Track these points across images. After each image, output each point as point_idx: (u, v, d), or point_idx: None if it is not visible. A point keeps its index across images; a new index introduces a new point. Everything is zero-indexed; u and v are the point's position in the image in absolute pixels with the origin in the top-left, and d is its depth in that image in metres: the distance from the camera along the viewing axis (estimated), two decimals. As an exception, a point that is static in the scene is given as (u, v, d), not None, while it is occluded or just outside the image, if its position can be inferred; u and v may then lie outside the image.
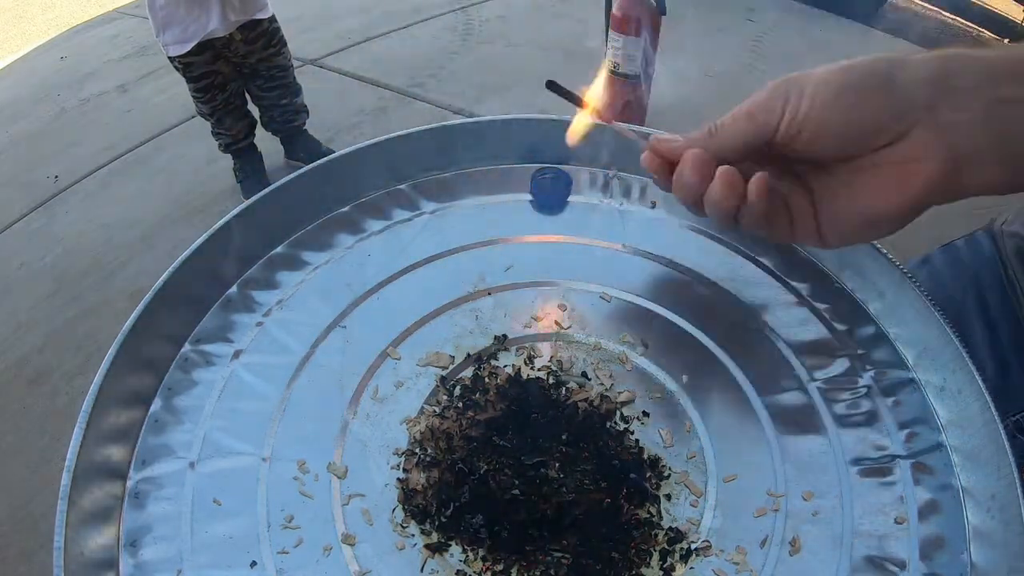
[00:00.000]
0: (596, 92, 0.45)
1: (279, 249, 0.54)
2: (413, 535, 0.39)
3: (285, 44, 1.93)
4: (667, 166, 0.40)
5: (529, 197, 0.58)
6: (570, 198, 0.58)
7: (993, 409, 0.40)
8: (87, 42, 3.31)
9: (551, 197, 0.58)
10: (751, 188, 0.37)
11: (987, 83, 0.34)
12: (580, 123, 0.46)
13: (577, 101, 0.45)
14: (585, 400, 0.45)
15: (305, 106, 2.09)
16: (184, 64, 1.76)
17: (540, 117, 0.59)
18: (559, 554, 0.38)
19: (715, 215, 0.39)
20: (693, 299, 0.51)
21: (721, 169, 0.37)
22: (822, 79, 0.37)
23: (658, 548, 0.39)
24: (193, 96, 1.89)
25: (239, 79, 1.91)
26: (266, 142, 2.13)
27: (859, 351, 0.48)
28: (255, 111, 2.04)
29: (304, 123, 2.12)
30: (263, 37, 1.83)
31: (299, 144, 2.15)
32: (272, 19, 1.85)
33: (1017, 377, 0.56)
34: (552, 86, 0.45)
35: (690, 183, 0.39)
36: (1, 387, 1.63)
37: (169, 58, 1.77)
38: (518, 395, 0.45)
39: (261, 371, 0.46)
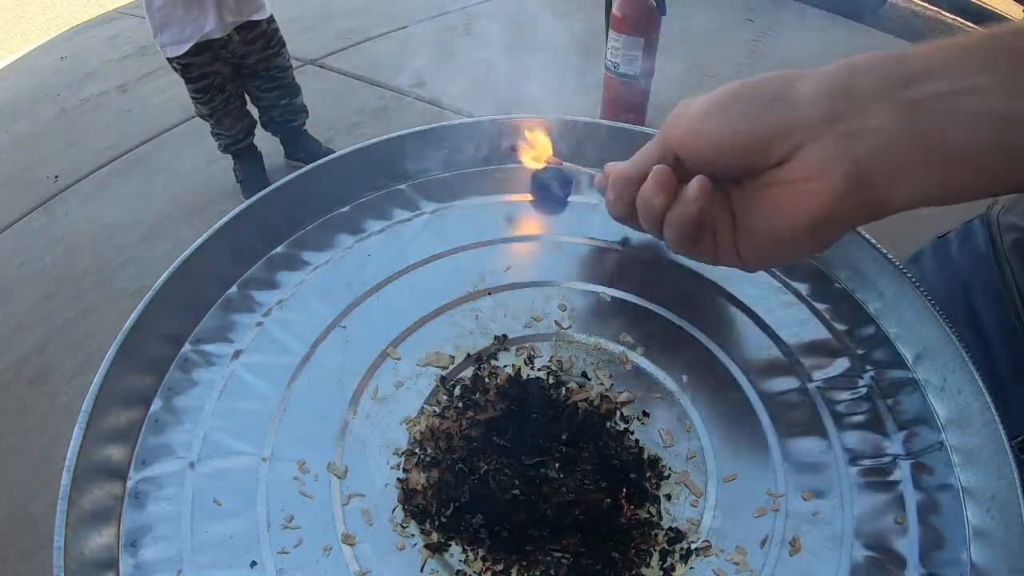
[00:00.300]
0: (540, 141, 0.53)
1: (279, 249, 0.54)
2: (413, 535, 0.39)
3: (284, 45, 1.93)
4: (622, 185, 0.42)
5: (529, 196, 0.58)
6: (570, 198, 0.58)
7: (993, 409, 0.40)
8: (87, 42, 3.31)
9: (552, 195, 0.58)
10: (690, 185, 0.36)
11: (896, 85, 0.32)
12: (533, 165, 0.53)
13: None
14: (585, 400, 0.45)
15: (304, 106, 2.10)
16: (182, 65, 1.76)
17: (540, 117, 0.59)
18: (559, 554, 0.38)
19: (645, 215, 0.39)
20: (693, 299, 0.51)
21: (655, 168, 0.37)
22: (712, 96, 0.36)
23: (658, 548, 0.39)
24: (192, 97, 1.88)
25: (238, 80, 1.92)
26: (266, 142, 2.13)
27: (859, 351, 0.48)
28: (254, 112, 2.05)
29: (304, 123, 2.13)
30: (262, 38, 1.83)
31: (299, 144, 2.15)
32: (270, 20, 1.86)
33: (1016, 400, 0.51)
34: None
35: (621, 191, 0.40)
36: (1, 387, 1.63)
37: (167, 59, 1.78)
38: (518, 395, 0.45)
39: (261, 371, 0.46)
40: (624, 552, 0.38)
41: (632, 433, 0.44)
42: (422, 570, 0.38)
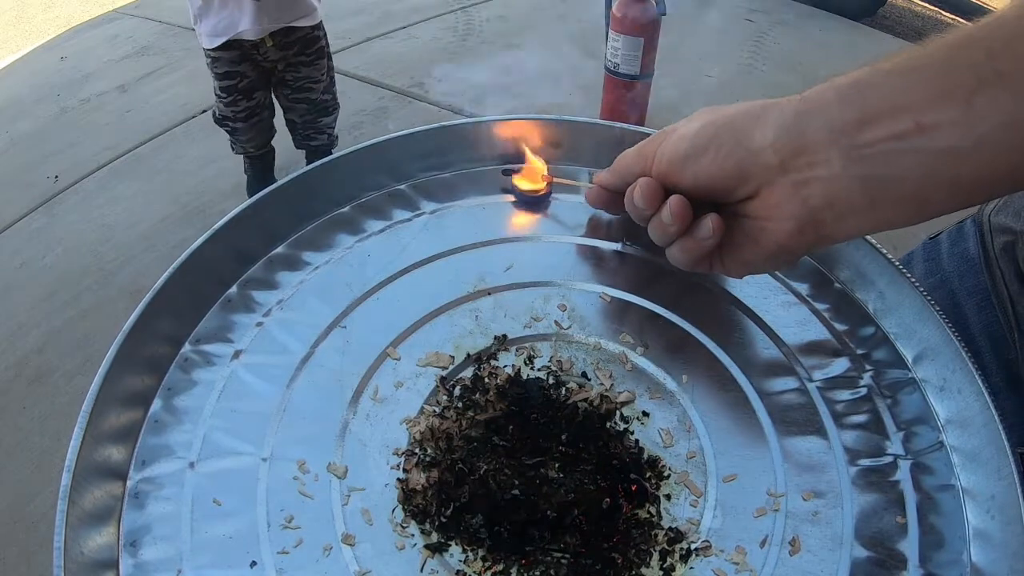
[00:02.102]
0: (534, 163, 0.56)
1: (279, 249, 0.54)
2: (413, 535, 0.39)
3: (325, 57, 1.75)
4: (606, 196, 0.48)
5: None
6: (570, 198, 0.58)
7: (993, 409, 0.40)
8: (87, 42, 3.31)
9: (532, 197, 0.58)
10: (704, 223, 0.40)
11: (845, 131, 0.33)
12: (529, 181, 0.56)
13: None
14: (585, 400, 0.45)
15: (332, 130, 1.91)
16: (212, 58, 1.66)
17: (540, 117, 0.59)
18: (559, 554, 0.38)
19: (635, 218, 0.44)
20: (693, 299, 0.51)
21: (641, 180, 0.42)
22: (682, 132, 0.40)
23: (658, 548, 0.39)
24: (216, 95, 1.74)
25: (266, 89, 1.75)
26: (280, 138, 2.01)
27: (859, 351, 0.48)
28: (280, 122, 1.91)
29: (329, 148, 1.91)
30: (298, 43, 1.67)
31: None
32: (317, 27, 1.69)
33: (1010, 406, 0.51)
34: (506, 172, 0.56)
35: (603, 198, 0.47)
36: (1, 387, 1.63)
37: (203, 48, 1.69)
38: (518, 395, 0.45)
39: (261, 371, 0.46)
40: (624, 552, 0.38)
41: (632, 433, 0.44)
42: (422, 570, 0.38)
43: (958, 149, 0.30)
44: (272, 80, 1.75)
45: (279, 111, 1.87)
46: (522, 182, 0.57)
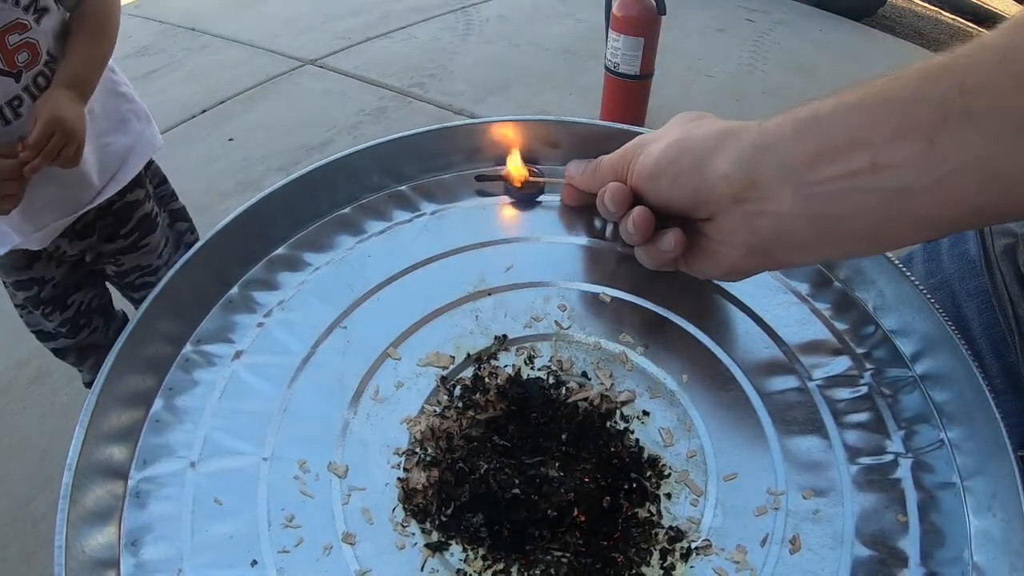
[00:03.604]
0: (515, 164, 0.57)
1: (280, 250, 0.54)
2: (413, 534, 0.39)
3: (156, 225, 1.10)
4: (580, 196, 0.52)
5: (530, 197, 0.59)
6: (569, 199, 0.58)
7: (994, 407, 0.40)
8: (87, 43, 3.30)
9: (523, 195, 0.58)
10: (667, 237, 0.43)
11: (798, 168, 0.33)
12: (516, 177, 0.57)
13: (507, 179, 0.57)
14: (585, 400, 0.45)
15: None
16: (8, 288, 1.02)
17: (540, 118, 0.59)
18: (559, 553, 0.38)
19: (606, 218, 0.48)
20: (693, 299, 0.51)
21: (611, 185, 0.45)
22: (650, 150, 0.42)
23: (658, 547, 0.39)
24: (18, 308, 1.11)
25: (89, 283, 1.12)
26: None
27: (859, 350, 0.48)
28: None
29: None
30: (100, 224, 1.03)
31: None
32: (137, 180, 1.04)
33: (1010, 407, 0.50)
34: (480, 179, 0.58)
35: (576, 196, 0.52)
36: (1, 387, 1.63)
37: None
38: (518, 395, 0.45)
39: (262, 371, 0.46)
40: (624, 551, 0.38)
41: (632, 432, 0.44)
42: (422, 569, 0.38)
43: (913, 189, 0.30)
44: (93, 271, 1.11)
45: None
46: (513, 169, 0.57)
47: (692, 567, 0.38)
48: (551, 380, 0.46)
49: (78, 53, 0.86)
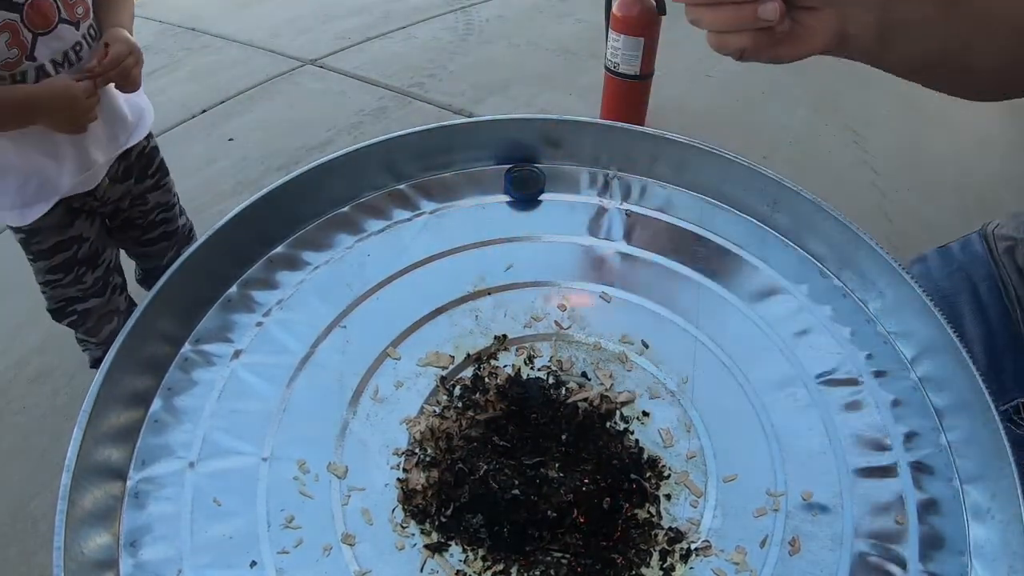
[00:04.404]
0: None
1: (279, 249, 0.54)
2: (413, 535, 0.39)
3: (167, 171, 1.30)
4: None
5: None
6: (570, 198, 0.58)
7: (993, 409, 0.40)
8: (87, 42, 3.30)
9: (523, 194, 0.58)
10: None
11: (883, 3, 0.42)
12: None
13: None
14: (585, 400, 0.45)
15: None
16: (27, 233, 1.08)
17: (540, 117, 0.59)
18: (559, 554, 0.38)
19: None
20: (693, 299, 0.51)
21: None
22: None
23: (658, 548, 0.39)
24: (42, 284, 1.19)
25: (110, 241, 1.23)
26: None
27: (859, 352, 0.48)
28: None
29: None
30: (136, 166, 1.18)
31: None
32: (150, 135, 1.19)
33: (1010, 368, 0.59)
34: None
35: None
36: (1, 387, 1.63)
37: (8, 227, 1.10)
38: (518, 395, 0.45)
39: (261, 371, 0.46)
40: (624, 552, 0.38)
41: (632, 433, 0.44)
42: (422, 570, 0.38)
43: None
44: (113, 228, 1.23)
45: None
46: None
47: (692, 568, 0.38)
48: (551, 380, 0.46)
49: (116, 10, 1.03)
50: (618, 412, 0.45)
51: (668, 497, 0.41)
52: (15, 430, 1.55)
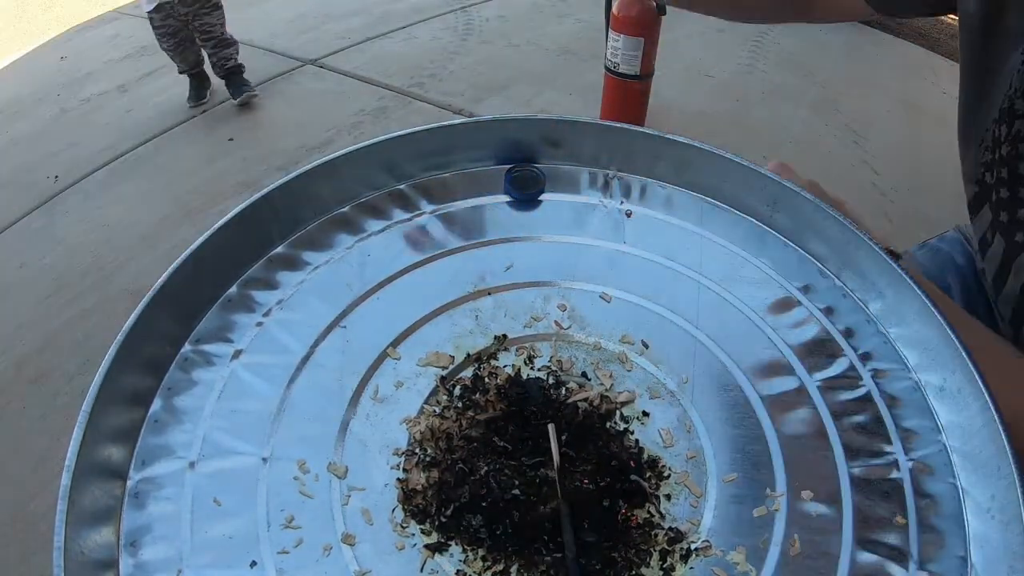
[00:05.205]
0: None
1: (279, 249, 0.54)
2: (413, 535, 0.39)
3: (218, 9, 2.61)
4: None
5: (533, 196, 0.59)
6: (570, 198, 0.58)
7: (993, 409, 0.40)
8: (87, 42, 3.31)
9: (523, 194, 0.58)
10: None
11: None
12: None
13: None
14: (585, 400, 0.45)
15: (234, 59, 2.69)
16: (151, 18, 2.53)
17: (540, 117, 0.59)
18: (559, 554, 0.38)
19: None
20: (693, 299, 0.51)
21: None
22: None
23: (658, 548, 0.39)
24: (157, 40, 2.61)
25: (185, 31, 2.61)
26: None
27: (859, 351, 0.48)
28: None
29: (233, 70, 2.69)
30: (198, 2, 2.54)
31: (231, 84, 2.70)
32: None
33: (986, 319, 0.64)
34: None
35: None
36: (1, 387, 1.63)
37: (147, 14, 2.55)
38: (518, 395, 0.45)
39: (261, 371, 0.46)
40: (624, 552, 0.38)
41: (632, 433, 0.44)
42: (422, 570, 0.38)
43: None
44: (189, 27, 2.59)
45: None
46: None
47: (692, 568, 0.38)
48: (551, 380, 0.46)
49: None
50: (618, 412, 0.45)
51: (668, 497, 0.41)
52: (15, 430, 1.55)
